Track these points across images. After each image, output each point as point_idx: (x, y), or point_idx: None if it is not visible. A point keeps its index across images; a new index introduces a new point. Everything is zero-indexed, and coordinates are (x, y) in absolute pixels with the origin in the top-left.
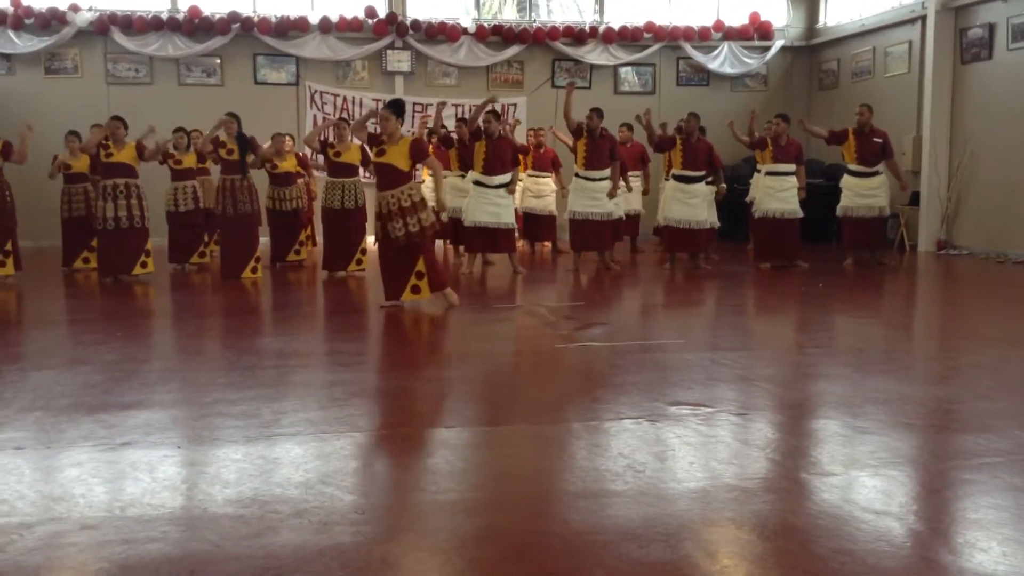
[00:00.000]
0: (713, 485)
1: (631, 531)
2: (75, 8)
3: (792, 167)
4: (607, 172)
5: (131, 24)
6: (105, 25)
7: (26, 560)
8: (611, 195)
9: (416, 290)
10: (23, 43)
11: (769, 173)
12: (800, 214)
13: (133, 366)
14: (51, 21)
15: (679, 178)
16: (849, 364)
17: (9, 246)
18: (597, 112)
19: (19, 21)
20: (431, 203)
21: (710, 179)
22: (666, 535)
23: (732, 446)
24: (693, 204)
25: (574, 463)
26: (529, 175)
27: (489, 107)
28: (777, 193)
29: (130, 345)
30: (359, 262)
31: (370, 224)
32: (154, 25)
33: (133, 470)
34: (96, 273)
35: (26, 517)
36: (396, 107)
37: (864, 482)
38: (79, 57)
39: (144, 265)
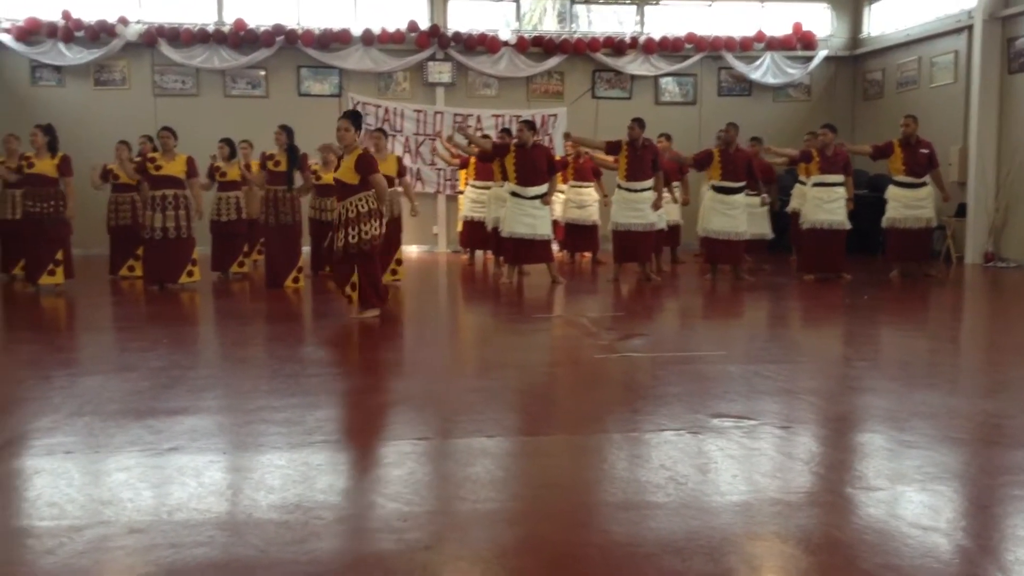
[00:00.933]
0: (756, 498)
1: (673, 544)
2: (124, 21)
3: (840, 178)
4: (649, 183)
5: (178, 36)
6: (153, 37)
7: (75, 563)
8: (656, 206)
9: (348, 300)
10: (73, 55)
11: (817, 184)
12: (847, 226)
13: (179, 373)
14: (100, 34)
15: (718, 189)
16: (895, 377)
17: (60, 255)
18: (639, 122)
19: (70, 34)
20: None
21: (755, 191)
22: (709, 548)
23: (776, 459)
24: (733, 215)
25: (614, 474)
26: (571, 186)
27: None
28: (824, 204)
29: (176, 352)
30: (395, 272)
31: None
32: (200, 37)
33: (180, 475)
34: (141, 281)
35: (75, 520)
36: (354, 118)
37: (911, 497)
38: (127, 69)
39: (190, 274)
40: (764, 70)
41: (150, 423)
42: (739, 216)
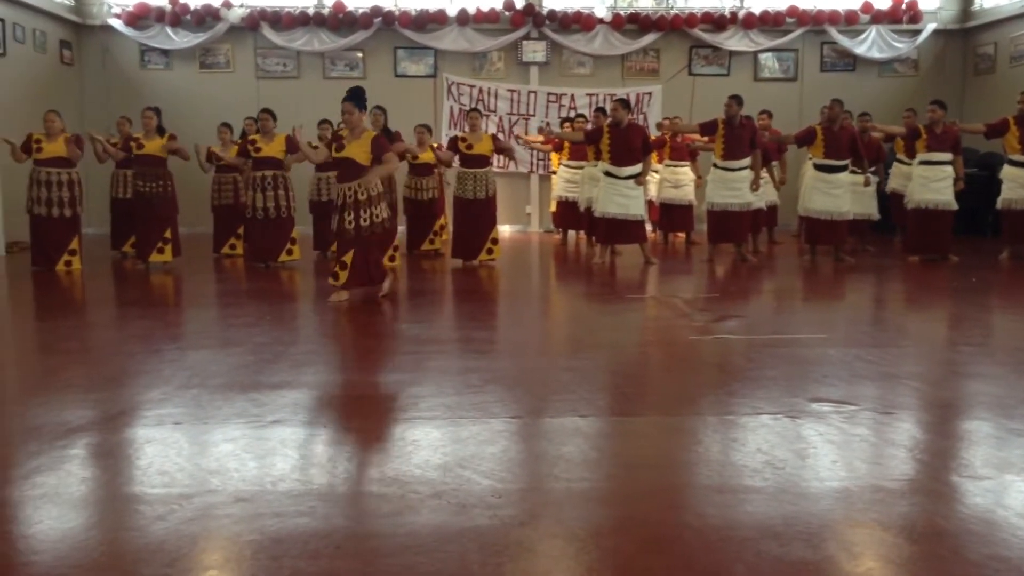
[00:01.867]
0: (857, 485)
1: (771, 528)
2: (228, 5)
3: (948, 156)
4: (747, 161)
5: (280, 20)
6: (256, 21)
7: (185, 529)
8: (754, 186)
9: (334, 276)
10: (180, 39)
11: (923, 163)
12: (954, 206)
13: (281, 348)
14: (206, 18)
15: (821, 167)
16: (1004, 363)
17: (168, 234)
18: (736, 99)
19: (176, 18)
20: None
21: (859, 169)
22: (808, 534)
23: (877, 445)
24: (836, 195)
25: (709, 456)
26: (667, 165)
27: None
28: (931, 184)
29: (278, 328)
30: (490, 251)
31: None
32: (301, 20)
33: (282, 447)
34: (242, 259)
35: (185, 488)
36: (357, 99)
37: (1020, 487)
38: (231, 52)
39: (290, 252)
40: (869, 44)
41: (254, 396)
42: (842, 195)
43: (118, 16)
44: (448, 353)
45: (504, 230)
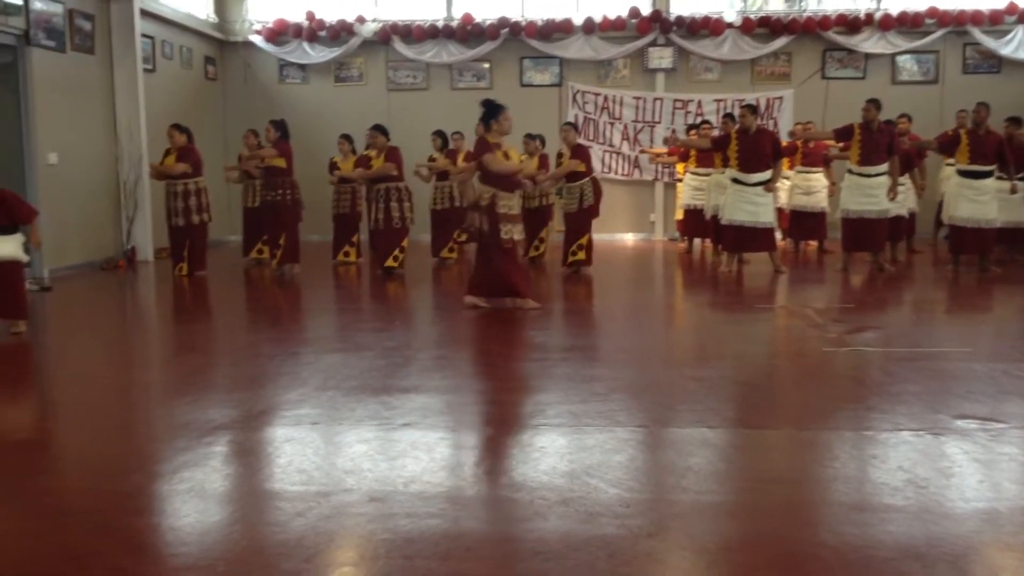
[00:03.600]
0: (1006, 506)
1: (913, 549)
2: (361, 20)
3: None
4: (884, 167)
5: (410, 33)
6: (387, 35)
7: (322, 526)
8: (892, 194)
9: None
10: (316, 54)
11: None
12: None
13: (410, 353)
14: (340, 33)
15: (965, 173)
16: None
17: (287, 240)
18: (874, 103)
19: (313, 34)
20: None
21: (1006, 176)
22: (953, 556)
23: None
24: (982, 201)
25: (846, 473)
26: (798, 171)
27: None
28: None
29: (406, 334)
30: (574, 253)
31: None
32: (431, 33)
33: (413, 449)
34: (361, 266)
35: (322, 486)
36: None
37: None
38: (364, 66)
39: (396, 259)
40: (1016, 45)
41: (386, 399)
42: (989, 202)
43: (259, 33)
44: (573, 361)
45: (627, 238)
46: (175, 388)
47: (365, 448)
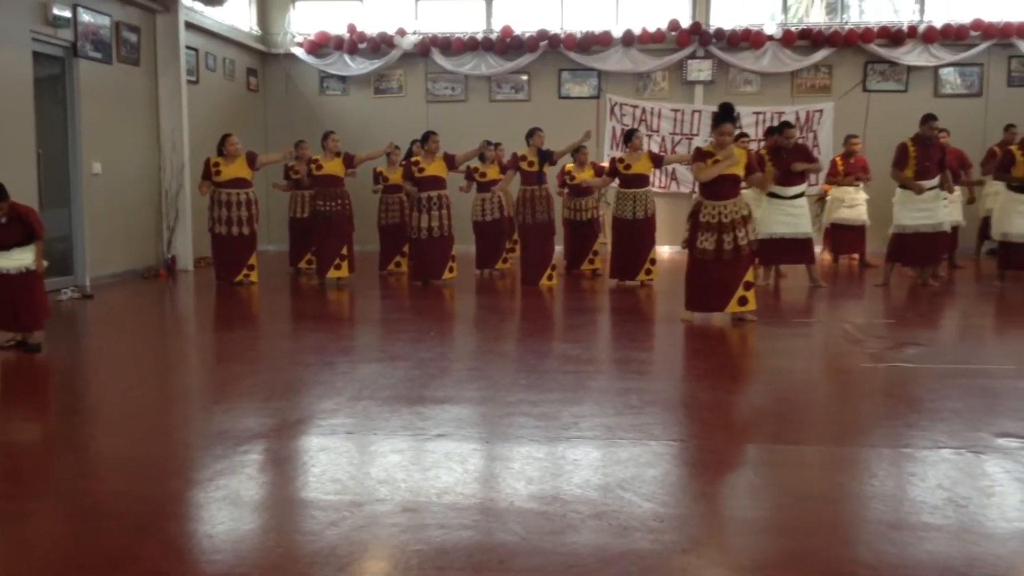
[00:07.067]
0: None
1: (953, 569)
2: (401, 32)
3: None
4: (936, 181)
5: (449, 45)
6: (427, 47)
7: (356, 536)
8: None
9: (743, 301)
10: (356, 66)
11: None
12: None
13: (445, 364)
14: (380, 45)
15: (1018, 188)
16: None
17: (345, 251)
18: (931, 117)
19: (354, 46)
20: None
21: None
22: None
23: None
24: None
25: (884, 491)
26: (838, 185)
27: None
28: None
29: (442, 344)
30: (648, 271)
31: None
32: (470, 46)
33: (447, 460)
34: (407, 277)
35: (356, 496)
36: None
37: None
38: (403, 78)
39: (451, 270)
40: None
41: (419, 410)
42: None
43: (300, 45)
44: (607, 373)
45: (664, 251)
46: (213, 395)
47: (399, 458)
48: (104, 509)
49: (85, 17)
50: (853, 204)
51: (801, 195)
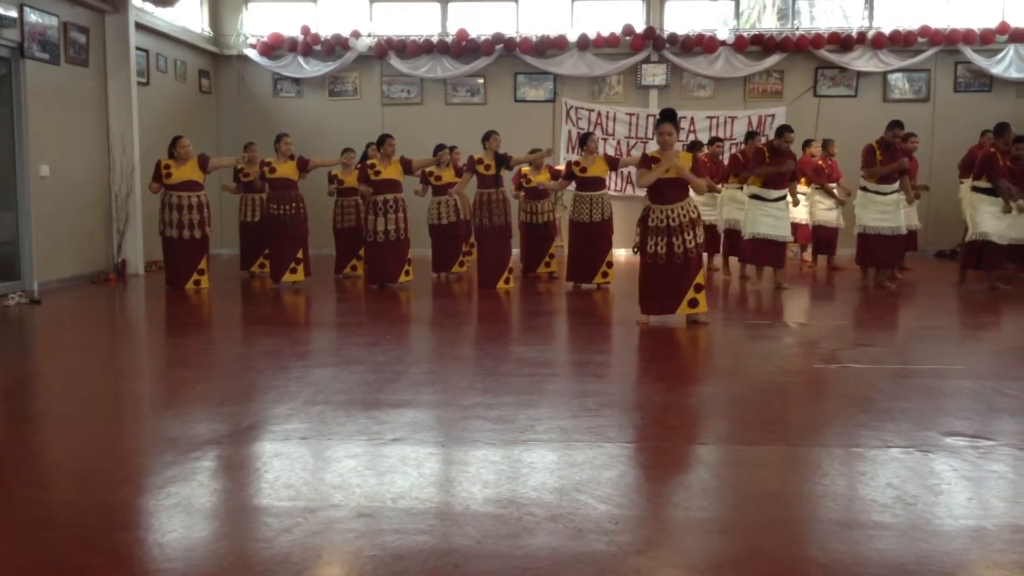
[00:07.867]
0: (995, 524)
1: (902, 567)
2: (356, 35)
3: None
4: (896, 185)
5: (405, 48)
6: (383, 49)
7: (310, 542)
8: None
9: (693, 303)
10: (311, 68)
11: None
12: None
13: (401, 368)
14: (335, 47)
15: (987, 191)
16: None
17: (300, 254)
18: (896, 124)
19: (308, 48)
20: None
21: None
22: (941, 574)
23: (1016, 483)
24: (1001, 218)
25: (835, 490)
26: (816, 187)
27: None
28: None
29: (398, 348)
30: (605, 274)
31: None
32: (425, 48)
33: (402, 464)
34: (363, 280)
35: (310, 502)
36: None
37: None
38: (358, 80)
39: (407, 274)
40: (1007, 64)
41: (375, 414)
42: (1013, 220)
43: (253, 47)
44: (564, 376)
45: (620, 253)
46: (164, 401)
47: (354, 463)
48: (52, 519)
49: (32, 17)
50: (833, 207)
51: (783, 198)
